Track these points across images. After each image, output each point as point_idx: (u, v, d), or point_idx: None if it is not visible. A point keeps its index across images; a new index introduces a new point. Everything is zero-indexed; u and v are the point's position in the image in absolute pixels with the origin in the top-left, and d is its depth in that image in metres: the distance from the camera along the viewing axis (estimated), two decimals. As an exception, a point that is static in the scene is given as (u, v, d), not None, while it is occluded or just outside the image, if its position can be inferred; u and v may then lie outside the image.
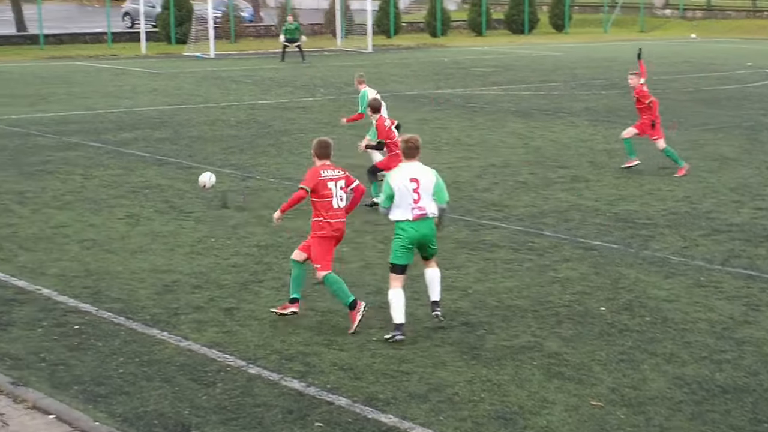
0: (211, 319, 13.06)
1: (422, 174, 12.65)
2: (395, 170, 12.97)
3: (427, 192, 12.58)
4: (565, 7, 77.19)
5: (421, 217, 12.50)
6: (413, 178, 12.55)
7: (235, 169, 23.00)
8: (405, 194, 12.48)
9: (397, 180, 12.55)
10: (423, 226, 12.55)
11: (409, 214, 12.48)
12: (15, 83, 41.05)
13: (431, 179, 12.68)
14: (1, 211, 18.98)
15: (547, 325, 12.90)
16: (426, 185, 12.58)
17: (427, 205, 12.55)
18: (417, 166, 12.72)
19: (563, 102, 35.40)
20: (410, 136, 13.04)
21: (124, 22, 75.42)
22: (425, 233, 12.58)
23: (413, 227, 12.51)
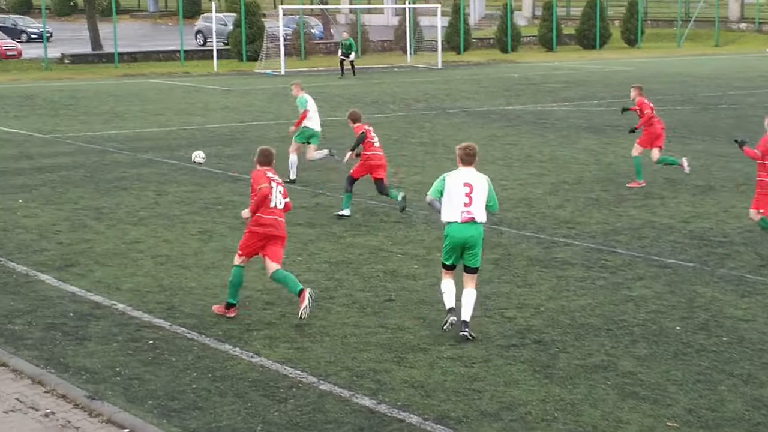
0: (282, 335, 13.11)
1: (477, 180, 13.11)
2: (453, 171, 13.30)
3: (479, 198, 13.04)
4: (638, 22, 76.70)
5: (468, 221, 12.99)
6: (467, 182, 13.05)
7: (305, 185, 23.08)
8: (456, 196, 12.99)
9: (452, 181, 13.08)
10: (470, 230, 13.00)
11: (458, 217, 12.99)
12: (90, 101, 41.56)
13: (485, 187, 13.13)
14: (78, 226, 19.20)
15: (621, 344, 12.79)
16: (479, 192, 13.05)
17: (476, 211, 13.00)
18: (472, 173, 13.18)
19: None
20: (468, 143, 13.52)
21: (197, 40, 76.10)
22: (471, 236, 13.01)
23: (460, 229, 13.01)
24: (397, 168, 23.95)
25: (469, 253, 13.14)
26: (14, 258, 16.89)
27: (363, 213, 20.28)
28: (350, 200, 20.20)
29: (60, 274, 15.91)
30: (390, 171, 21.42)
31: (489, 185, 13.21)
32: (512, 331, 13.25)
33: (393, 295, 14.80)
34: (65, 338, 12.99)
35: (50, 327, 13.41)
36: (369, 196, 21.83)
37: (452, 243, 13.10)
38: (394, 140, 29.98)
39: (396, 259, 16.85)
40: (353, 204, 20.53)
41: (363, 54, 66.73)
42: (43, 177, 24.19)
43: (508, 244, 17.74)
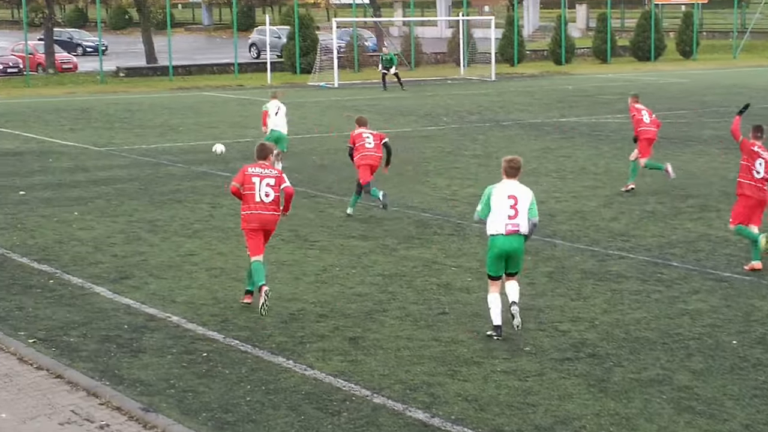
0: (335, 348, 13.10)
1: (521, 193, 13.49)
2: (498, 184, 13.63)
3: (523, 210, 13.40)
4: (693, 33, 76.21)
5: (513, 233, 13.37)
6: (512, 195, 13.42)
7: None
8: (502, 209, 13.36)
9: (498, 195, 13.44)
10: (514, 241, 13.41)
11: (503, 229, 13.36)
12: (145, 114, 41.88)
13: (528, 198, 13.49)
14: (133, 239, 19.32)
15: (677, 357, 12.67)
16: (523, 203, 13.41)
17: (521, 222, 13.37)
18: (516, 185, 13.55)
19: (692, 130, 34.92)
20: (513, 156, 13.82)
21: (251, 53, 76.56)
22: (515, 247, 13.44)
23: (505, 241, 13.38)
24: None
25: (512, 262, 13.59)
26: (69, 270, 17.02)
27: (417, 225, 20.26)
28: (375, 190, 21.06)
29: (115, 287, 16.01)
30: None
31: (532, 196, 13.58)
32: (567, 344, 13.18)
33: (447, 308, 14.76)
34: (120, 350, 13.06)
35: (105, 339, 13.50)
36: (422, 209, 21.82)
37: (498, 254, 13.46)
38: (448, 152, 29.96)
39: (450, 271, 16.81)
40: (408, 216, 20.50)
41: (416, 66, 66.81)
42: (99, 189, 24.38)
43: (562, 257, 17.65)
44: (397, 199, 22.87)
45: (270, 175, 15.04)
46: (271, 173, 15.08)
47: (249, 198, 14.90)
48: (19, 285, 16.17)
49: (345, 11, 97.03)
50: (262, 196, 14.87)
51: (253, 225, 14.91)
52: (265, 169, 15.06)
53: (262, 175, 14.98)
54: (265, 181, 14.92)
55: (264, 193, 14.89)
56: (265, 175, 14.99)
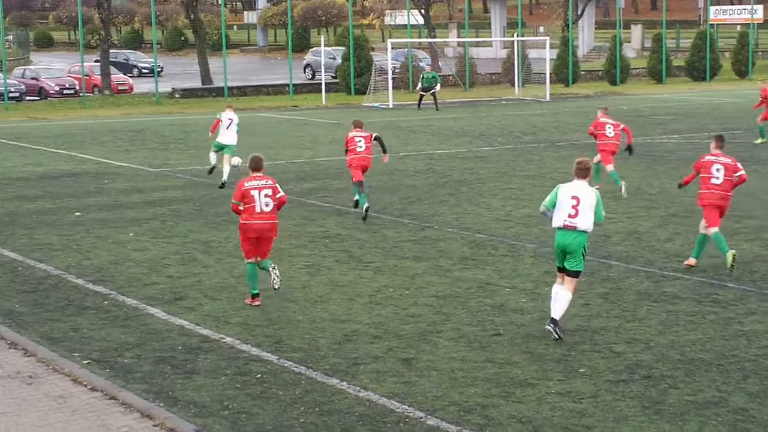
0: (389, 369, 13.09)
1: (585, 194, 14.35)
2: (566, 183, 14.66)
3: (584, 210, 14.27)
4: (748, 53, 75.65)
5: (570, 228, 14.27)
6: (575, 195, 14.34)
7: (413, 218, 23.08)
8: (564, 207, 14.35)
9: (563, 194, 14.44)
10: (569, 237, 14.29)
11: (561, 224, 14.35)
12: (200, 135, 42.07)
13: (593, 201, 14.34)
14: (188, 260, 19.43)
15: (733, 379, 12.54)
16: (585, 204, 14.27)
17: (580, 221, 14.25)
18: (583, 186, 14.45)
19: (747, 150, 34.60)
20: (582, 158, 14.85)
21: (305, 74, 76.88)
22: (569, 242, 14.27)
23: (561, 235, 14.37)
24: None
25: (570, 258, 14.34)
26: (124, 291, 17.14)
27: (471, 246, 20.22)
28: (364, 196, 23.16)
29: (169, 308, 16.10)
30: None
31: (597, 199, 14.40)
32: (621, 366, 13.09)
33: (501, 330, 14.71)
34: (174, 372, 13.12)
35: (159, 360, 13.57)
36: (476, 229, 21.78)
37: (556, 247, 14.54)
38: (503, 173, 29.90)
39: (504, 292, 16.76)
40: (462, 237, 20.49)
41: (471, 87, 66.80)
42: (154, 210, 24.55)
43: (617, 278, 17.55)
44: (451, 220, 22.85)
45: (267, 186, 16.18)
46: (267, 184, 16.20)
47: (251, 210, 16.01)
48: (74, 306, 16.30)
49: (400, 32, 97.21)
50: (262, 206, 16.05)
51: (252, 235, 16.15)
52: (260, 181, 16.18)
53: (259, 187, 16.11)
54: (263, 192, 16.08)
55: (264, 203, 16.05)
56: (263, 187, 16.13)
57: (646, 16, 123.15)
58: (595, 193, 14.45)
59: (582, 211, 14.24)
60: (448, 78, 69.53)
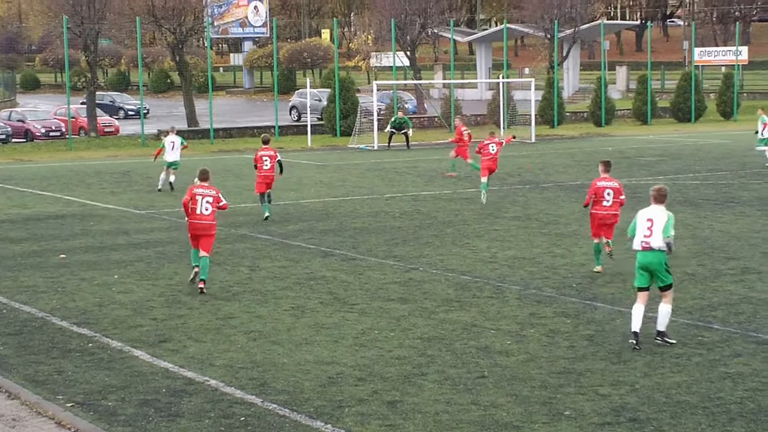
0: (374, 412, 13.04)
1: (658, 216, 15.86)
2: (645, 209, 16.16)
3: (658, 230, 15.71)
4: (733, 95, 76.08)
5: (646, 249, 15.77)
6: (649, 218, 15.89)
7: (398, 260, 23.08)
8: (641, 229, 15.92)
9: (640, 217, 16.07)
10: (648, 256, 15.80)
11: (639, 246, 15.89)
12: (186, 177, 42.07)
13: (664, 220, 15.79)
14: (173, 302, 19.38)
15: (718, 422, 12.53)
16: (658, 225, 15.75)
17: (653, 240, 15.72)
18: (658, 210, 15.94)
19: (732, 191, 34.74)
20: (660, 185, 16.31)
21: (291, 116, 77.06)
22: (649, 261, 15.78)
23: (641, 256, 15.88)
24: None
25: (657, 276, 15.88)
26: (109, 334, 17.08)
27: (456, 288, 20.21)
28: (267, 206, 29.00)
29: (154, 350, 16.04)
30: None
31: (669, 218, 15.86)
32: (607, 408, 13.06)
33: (486, 372, 14.68)
34: (158, 414, 13.06)
35: (143, 403, 13.50)
36: (461, 271, 21.78)
37: (637, 267, 15.97)
38: (488, 215, 29.94)
39: (489, 334, 16.74)
40: (447, 279, 20.50)
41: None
42: (139, 252, 24.51)
43: (603, 320, 17.55)
44: (436, 262, 22.86)
45: (209, 194, 20.24)
46: (210, 192, 20.26)
47: (193, 211, 20.12)
48: (58, 349, 16.23)
49: (385, 73, 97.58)
50: (202, 210, 20.11)
51: (192, 230, 20.31)
52: (205, 189, 20.31)
53: (203, 194, 20.18)
54: (205, 198, 20.13)
55: (204, 207, 20.10)
56: (206, 194, 20.21)
57: (631, 58, 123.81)
58: (668, 214, 15.88)
59: (655, 231, 15.72)
60: (434, 119, 69.74)
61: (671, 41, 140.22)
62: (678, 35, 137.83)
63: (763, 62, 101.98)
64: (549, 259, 23.00)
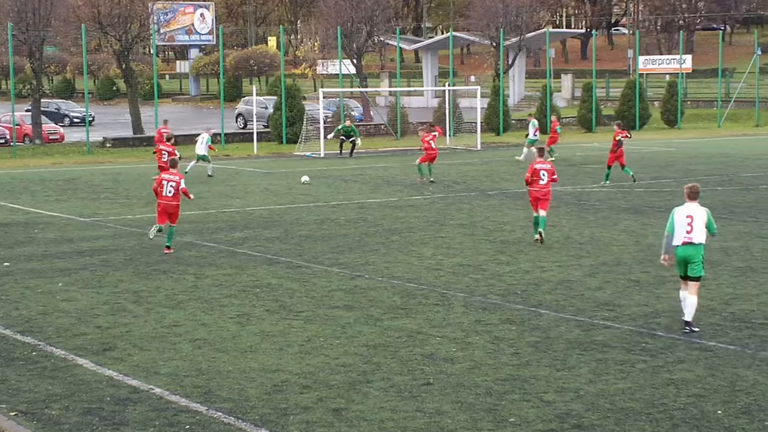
0: (319, 420, 13.03)
1: (697, 213, 17.10)
2: (680, 206, 17.38)
3: (698, 226, 16.99)
4: (677, 103, 76.75)
5: (687, 243, 17.02)
6: (689, 215, 17.09)
7: (344, 268, 23.08)
8: (682, 226, 17.09)
9: (678, 215, 17.17)
10: (688, 250, 17.06)
11: (680, 241, 17.07)
12: (131, 184, 41.95)
13: (704, 217, 17.09)
14: (117, 310, 19.26)
15: (662, 428, 12.63)
16: (698, 221, 17.01)
17: (695, 236, 17.00)
18: (695, 207, 17.15)
19: (677, 199, 34.98)
20: (693, 183, 17.57)
21: (237, 123, 76.82)
22: (689, 254, 17.05)
23: (681, 250, 17.09)
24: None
25: (690, 266, 17.08)
26: (53, 342, 16.95)
27: (401, 295, 20.24)
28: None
29: (98, 358, 15.93)
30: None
31: (707, 215, 17.14)
32: (552, 415, 13.13)
33: (431, 379, 14.71)
34: (102, 423, 12.97)
35: (87, 412, 13.41)
36: (407, 278, 21.82)
37: (678, 260, 17.16)
38: (434, 222, 30.00)
39: (434, 341, 16.77)
40: (393, 286, 20.56)
41: (402, 136, 67.09)
42: (84, 260, 24.34)
43: (548, 327, 17.64)
44: (382, 269, 22.88)
45: (173, 179, 25.05)
46: (173, 178, 25.08)
47: (161, 192, 25.01)
48: (1, 357, 16.09)
49: (332, 81, 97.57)
50: (167, 192, 24.97)
51: (160, 208, 25.14)
52: (171, 175, 25.19)
53: (168, 179, 25.06)
54: (170, 183, 24.96)
55: (168, 190, 24.94)
56: (170, 179, 25.06)
57: (576, 66, 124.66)
58: (705, 211, 17.16)
59: (696, 227, 16.96)
60: (380, 127, 69.82)
61: (616, 49, 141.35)
62: (623, 44, 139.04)
63: (707, 71, 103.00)
64: (494, 267, 23.09)
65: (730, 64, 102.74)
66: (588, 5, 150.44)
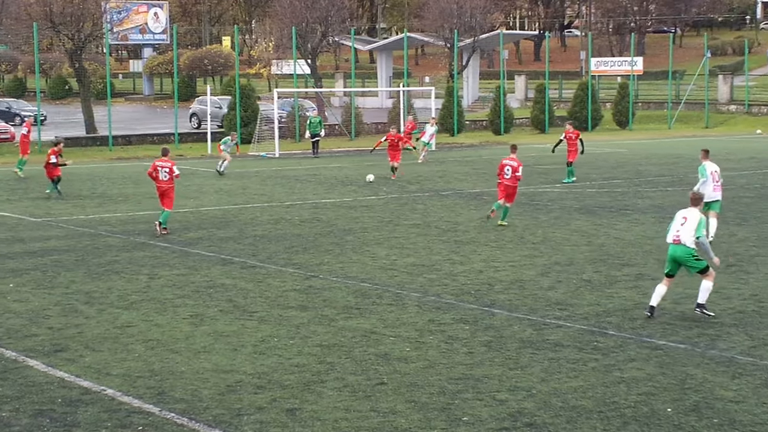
0: (273, 420, 13.02)
1: (691, 216, 18.03)
2: (681, 209, 18.38)
3: (688, 228, 17.87)
4: (629, 104, 77.26)
5: (675, 243, 18.01)
6: (685, 216, 18.10)
7: (298, 268, 23.08)
8: (675, 225, 18.12)
9: (677, 215, 18.26)
10: (676, 250, 18.02)
11: (671, 239, 18.14)
12: (84, 184, 41.70)
13: (696, 221, 17.93)
14: (69, 311, 19.15)
15: (613, 426, 12.72)
16: (690, 223, 17.88)
17: (683, 236, 17.90)
18: (693, 212, 18.12)
19: (628, 199, 35.30)
20: (695, 191, 19.47)
21: (191, 123, 76.56)
22: (677, 255, 18.01)
23: (672, 248, 18.10)
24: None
25: (688, 267, 18.08)
26: (3, 343, 16.82)
27: (355, 295, 20.26)
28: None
29: (49, 360, 15.84)
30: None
31: (700, 220, 17.98)
32: (504, 414, 13.19)
33: (385, 379, 14.74)
34: (53, 425, 12.89)
35: (38, 413, 13.32)
36: (361, 278, 21.85)
37: (668, 257, 18.21)
38: (388, 222, 30.05)
39: (388, 341, 16.80)
40: (347, 286, 20.57)
41: (357, 136, 67.13)
42: (35, 261, 24.18)
43: (501, 326, 17.71)
44: (337, 269, 22.89)
45: (166, 166, 27.87)
46: (166, 165, 27.88)
47: (157, 177, 27.87)
48: (-49, 358, 15.96)
49: (287, 81, 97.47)
50: (162, 177, 27.85)
51: (158, 192, 28.24)
52: (164, 162, 27.97)
53: (162, 166, 27.91)
54: (164, 169, 27.83)
55: (162, 176, 27.82)
56: (164, 166, 27.90)
57: (530, 67, 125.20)
58: (700, 216, 18.04)
59: (687, 228, 17.86)
60: (335, 127, 69.80)
61: (569, 51, 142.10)
62: (575, 45, 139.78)
63: (657, 73, 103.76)
64: (448, 266, 23.16)
65: (681, 67, 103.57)
66: (541, 7, 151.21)
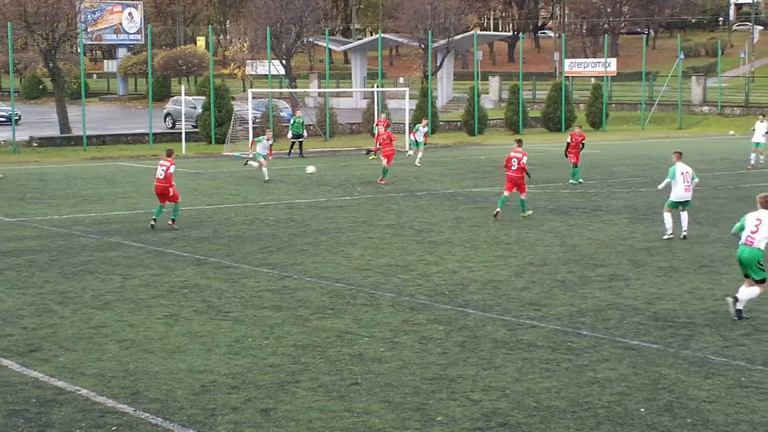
0: (247, 420, 13.04)
1: (766, 218, 18.12)
2: (753, 212, 18.42)
3: (764, 230, 18.02)
4: (602, 105, 77.52)
5: (748, 245, 18.09)
6: (759, 218, 18.18)
7: (272, 268, 23.08)
8: (749, 226, 18.23)
9: (749, 217, 18.35)
10: (746, 251, 18.11)
11: (744, 240, 18.18)
12: (58, 184, 41.57)
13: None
14: (42, 311, 19.11)
15: (586, 426, 12.79)
16: (766, 226, 18.04)
17: (758, 239, 18.06)
18: (765, 214, 18.17)
19: (601, 200, 35.44)
20: (765, 193, 18.62)
21: (166, 123, 76.39)
22: (746, 256, 18.10)
23: (741, 249, 18.19)
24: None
25: (750, 271, 18.15)
26: (-22, 343, 16.79)
27: (330, 295, 20.28)
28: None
29: (23, 360, 15.81)
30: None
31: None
32: (478, 414, 13.24)
33: (359, 379, 14.77)
34: (27, 425, 12.88)
35: (12, 413, 13.30)
36: (335, 279, 21.87)
37: (738, 259, 18.33)
38: (362, 222, 30.08)
39: (362, 341, 16.84)
40: (321, 286, 20.58)
41: (331, 136, 67.14)
42: (9, 261, 24.10)
43: (474, 327, 17.77)
44: (311, 270, 22.91)
45: (164, 165, 28.82)
46: (165, 164, 28.81)
47: (155, 176, 28.90)
48: (-75, 359, 15.91)
49: (261, 82, 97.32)
50: (159, 175, 28.80)
51: (156, 190, 29.16)
52: (163, 161, 29.06)
53: (161, 164, 28.90)
54: (162, 167, 28.78)
55: (159, 174, 28.76)
56: (162, 165, 28.85)
57: (504, 68, 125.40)
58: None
59: (761, 230, 18.03)
60: (309, 128, 69.75)
61: (543, 52, 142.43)
62: (549, 47, 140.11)
63: (631, 74, 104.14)
64: (422, 267, 23.21)
65: (654, 68, 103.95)
66: (515, 8, 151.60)
